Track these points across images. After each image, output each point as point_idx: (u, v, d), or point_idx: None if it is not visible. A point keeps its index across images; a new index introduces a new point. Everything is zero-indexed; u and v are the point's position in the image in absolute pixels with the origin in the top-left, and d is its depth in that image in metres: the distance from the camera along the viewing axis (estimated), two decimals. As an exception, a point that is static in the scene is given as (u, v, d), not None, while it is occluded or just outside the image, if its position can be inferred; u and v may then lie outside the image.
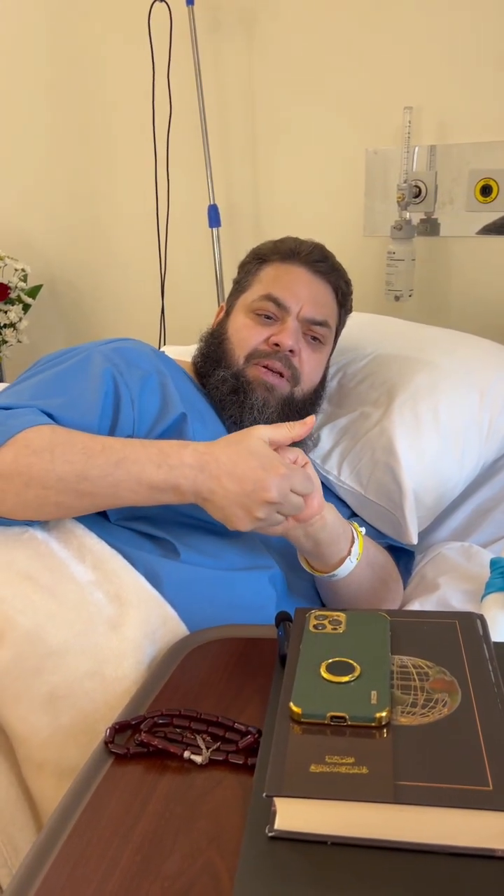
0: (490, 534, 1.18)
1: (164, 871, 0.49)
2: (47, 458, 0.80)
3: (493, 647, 0.64)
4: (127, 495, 0.81)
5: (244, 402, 1.04)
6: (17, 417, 0.83)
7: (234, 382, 1.05)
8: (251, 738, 0.60)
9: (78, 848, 0.51)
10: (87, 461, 0.80)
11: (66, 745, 0.70)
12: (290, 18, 1.62)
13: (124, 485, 0.80)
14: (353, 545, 0.92)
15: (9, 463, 0.80)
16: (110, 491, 0.80)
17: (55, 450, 0.80)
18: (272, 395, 1.05)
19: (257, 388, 1.05)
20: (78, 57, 1.89)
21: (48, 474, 0.79)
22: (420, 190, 1.55)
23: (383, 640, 0.64)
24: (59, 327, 2.20)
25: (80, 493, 0.80)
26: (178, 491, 0.80)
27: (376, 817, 0.48)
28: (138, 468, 0.80)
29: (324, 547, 0.89)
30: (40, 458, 0.80)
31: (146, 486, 0.80)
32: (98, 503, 0.83)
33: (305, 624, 0.67)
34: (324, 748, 0.52)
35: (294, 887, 0.46)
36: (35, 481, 0.79)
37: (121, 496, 0.81)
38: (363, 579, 0.96)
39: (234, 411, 1.05)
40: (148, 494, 0.81)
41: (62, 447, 0.81)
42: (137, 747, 0.60)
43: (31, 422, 0.83)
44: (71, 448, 0.81)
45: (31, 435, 0.81)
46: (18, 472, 0.79)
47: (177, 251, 1.89)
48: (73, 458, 0.80)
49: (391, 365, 1.24)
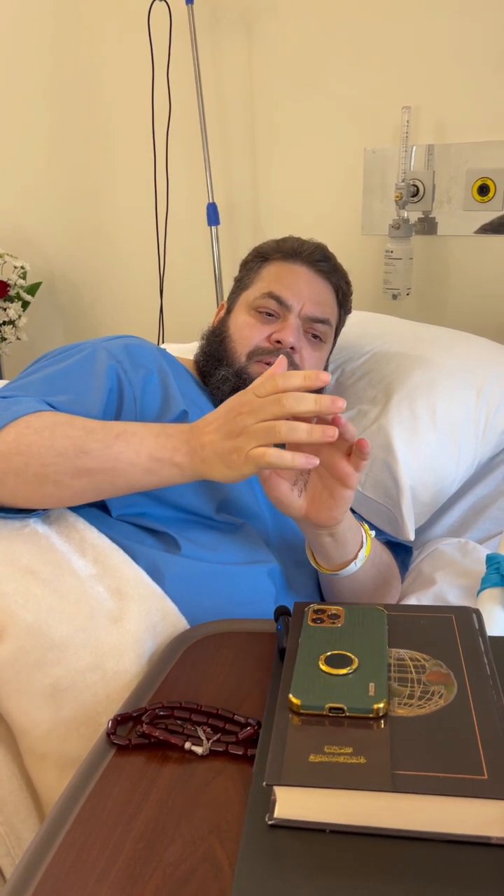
0: (486, 530, 1.19)
1: (166, 858, 0.50)
2: (47, 434, 0.80)
3: (489, 640, 0.65)
4: (126, 469, 0.80)
5: None
6: (19, 404, 0.84)
7: (236, 381, 1.06)
8: (251, 730, 0.61)
9: (81, 836, 0.52)
10: (86, 435, 0.80)
11: (68, 737, 0.71)
12: (290, 18, 1.62)
13: (123, 456, 0.79)
14: (361, 549, 0.90)
15: (9, 442, 0.81)
16: (110, 465, 0.79)
17: (56, 428, 0.81)
18: None
19: None
20: (78, 55, 1.90)
21: (48, 450, 0.79)
22: (418, 189, 1.56)
23: (381, 634, 0.65)
24: (58, 324, 2.21)
25: (78, 470, 0.80)
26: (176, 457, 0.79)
27: (374, 806, 0.49)
28: (138, 439, 0.80)
29: (331, 549, 0.89)
30: (40, 436, 0.80)
31: (146, 456, 0.79)
32: (97, 482, 0.81)
33: (304, 618, 0.68)
34: (322, 738, 0.53)
35: (293, 874, 0.47)
36: (35, 459, 0.80)
37: (119, 471, 0.80)
38: (366, 579, 0.96)
39: None
40: (147, 466, 0.79)
41: (62, 426, 0.82)
42: (139, 739, 0.61)
43: (33, 408, 0.84)
44: (71, 427, 0.82)
45: (33, 418, 0.82)
46: (18, 451, 0.80)
47: (176, 249, 1.89)
48: (73, 433, 0.81)
49: (389, 363, 1.25)
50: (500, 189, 1.49)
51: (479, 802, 0.48)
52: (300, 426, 0.71)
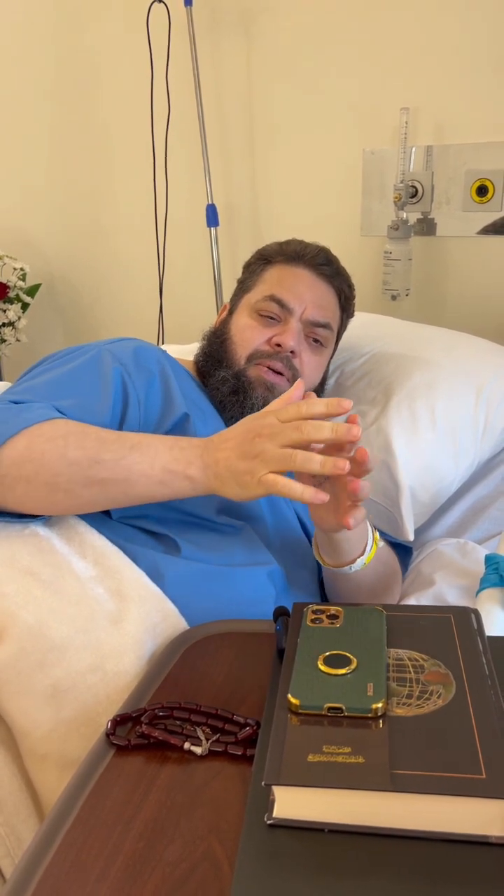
0: (485, 530, 1.20)
1: (165, 858, 0.50)
2: (61, 444, 0.80)
3: (487, 640, 0.66)
4: (139, 480, 0.80)
5: (244, 403, 1.05)
6: (31, 410, 0.84)
7: (235, 383, 1.06)
8: (250, 730, 0.61)
9: (81, 835, 0.52)
10: (100, 446, 0.81)
11: (68, 738, 0.71)
12: (288, 19, 1.63)
13: (137, 468, 0.80)
14: (365, 551, 0.90)
15: (21, 450, 0.80)
16: (122, 475, 0.80)
17: (69, 437, 0.81)
18: (273, 394, 1.06)
19: (258, 387, 1.06)
20: (78, 56, 1.90)
21: (60, 459, 0.80)
22: (417, 190, 1.56)
23: (379, 634, 0.65)
24: (57, 326, 2.21)
25: (90, 480, 0.80)
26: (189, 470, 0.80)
27: (372, 805, 0.50)
28: (152, 451, 0.81)
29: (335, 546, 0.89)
30: (54, 445, 0.80)
31: (159, 468, 0.80)
32: (108, 492, 0.82)
33: (303, 618, 0.68)
34: (321, 738, 0.53)
35: (292, 873, 0.47)
36: (47, 468, 0.80)
37: (132, 482, 0.80)
38: (368, 579, 0.96)
39: (235, 411, 1.05)
40: (160, 478, 0.80)
41: (76, 436, 0.82)
42: (138, 739, 0.61)
43: (46, 415, 0.84)
44: (85, 437, 0.82)
45: (46, 426, 0.82)
46: (31, 459, 0.80)
47: (175, 250, 1.89)
48: (87, 444, 0.81)
49: (388, 364, 1.26)
50: (498, 190, 1.49)
51: (477, 801, 0.48)
52: (315, 458, 0.73)
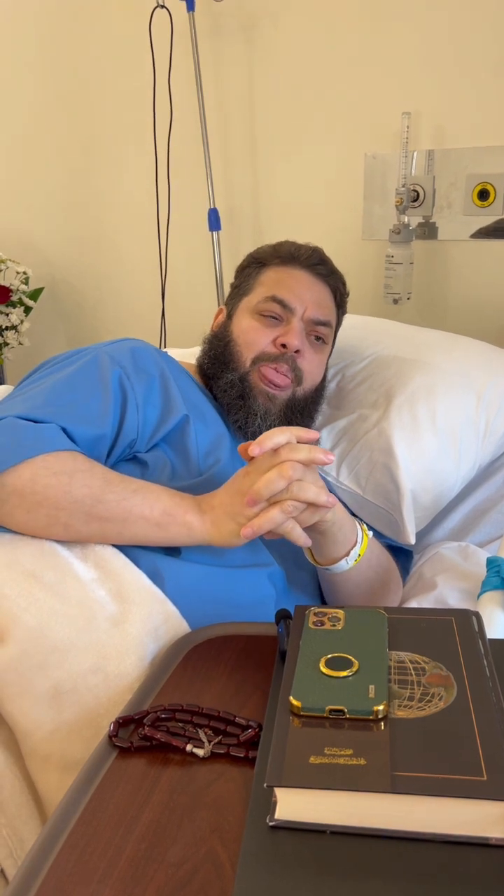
0: (487, 533, 1.20)
1: (168, 859, 0.50)
2: (65, 480, 0.82)
3: (489, 643, 0.66)
4: (137, 521, 0.84)
5: (248, 408, 1.07)
6: (39, 439, 0.84)
7: (241, 387, 1.07)
8: (252, 732, 0.61)
9: (84, 837, 0.52)
10: (105, 486, 0.84)
11: (70, 740, 0.71)
12: (290, 24, 1.63)
13: (137, 509, 0.84)
14: (354, 547, 0.92)
15: (26, 480, 0.81)
16: (122, 516, 0.83)
17: (75, 475, 0.83)
18: (273, 404, 1.07)
19: (258, 396, 1.07)
20: (80, 61, 1.91)
21: (64, 496, 0.82)
22: (418, 194, 1.56)
23: (381, 637, 0.65)
24: (60, 330, 2.22)
25: (91, 517, 0.83)
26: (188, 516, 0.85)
27: (374, 807, 0.50)
28: (154, 496, 0.86)
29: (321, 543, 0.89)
30: (59, 480, 0.82)
31: (159, 511, 0.84)
32: (105, 530, 0.84)
33: (305, 621, 0.69)
34: (323, 740, 0.54)
35: (294, 875, 0.47)
36: (49, 501, 0.82)
37: (130, 523, 0.84)
38: (362, 579, 0.97)
39: (240, 416, 1.07)
40: (158, 520, 0.84)
41: (82, 473, 0.84)
42: (141, 741, 0.61)
43: (54, 445, 0.84)
44: (91, 475, 0.84)
45: (52, 458, 0.83)
46: (34, 492, 0.81)
47: (177, 254, 1.90)
48: (92, 483, 0.83)
49: (389, 367, 1.26)
50: (500, 194, 1.49)
51: (478, 803, 0.49)
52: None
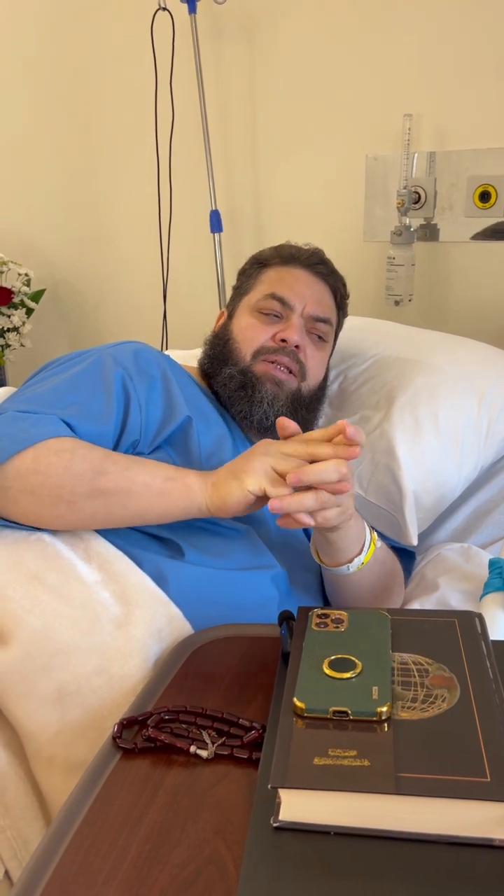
0: (489, 535, 1.20)
1: (172, 860, 0.50)
2: (67, 456, 0.82)
3: (491, 644, 0.66)
4: (140, 491, 0.83)
5: (252, 397, 1.06)
6: (39, 425, 0.85)
7: (242, 378, 1.07)
8: (256, 734, 0.61)
9: (89, 837, 0.52)
10: (106, 458, 0.84)
11: (74, 741, 0.72)
12: (291, 26, 1.63)
13: (139, 478, 0.83)
14: (362, 552, 0.91)
15: (28, 462, 0.82)
16: (125, 486, 0.83)
17: (76, 451, 0.83)
18: (281, 389, 1.07)
19: (266, 381, 1.07)
20: (82, 64, 1.91)
21: (66, 471, 0.82)
22: (419, 196, 1.57)
23: (384, 638, 0.65)
24: (62, 331, 2.22)
25: (94, 491, 0.82)
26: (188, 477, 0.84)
27: (378, 808, 0.50)
28: (154, 465, 0.86)
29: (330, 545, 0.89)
30: (59, 458, 0.82)
31: (161, 477, 0.84)
32: (110, 504, 0.83)
33: (308, 622, 0.69)
34: (327, 742, 0.54)
35: (298, 876, 0.47)
36: (52, 479, 0.81)
37: (133, 493, 0.83)
38: (368, 581, 0.97)
39: (243, 406, 1.07)
40: (161, 487, 0.84)
41: (83, 449, 0.84)
42: (145, 742, 0.61)
43: (54, 431, 0.85)
44: (91, 451, 0.85)
45: (52, 442, 0.84)
46: (37, 471, 0.82)
47: (179, 256, 1.90)
48: (93, 457, 0.84)
49: (391, 369, 1.26)
50: (501, 196, 1.49)
51: (481, 805, 0.49)
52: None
